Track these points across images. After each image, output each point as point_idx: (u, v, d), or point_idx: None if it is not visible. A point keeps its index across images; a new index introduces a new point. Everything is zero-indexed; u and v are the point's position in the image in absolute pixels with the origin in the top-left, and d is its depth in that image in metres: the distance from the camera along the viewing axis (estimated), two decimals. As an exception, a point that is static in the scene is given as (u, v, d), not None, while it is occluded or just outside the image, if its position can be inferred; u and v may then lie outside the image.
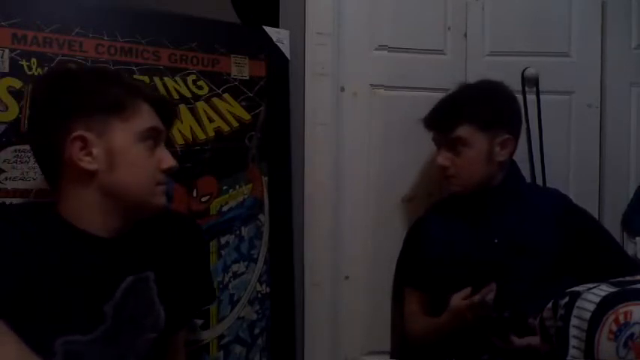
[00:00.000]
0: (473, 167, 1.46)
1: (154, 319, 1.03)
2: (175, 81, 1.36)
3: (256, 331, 1.53)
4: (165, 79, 1.35)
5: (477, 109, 1.46)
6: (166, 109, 1.06)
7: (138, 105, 0.99)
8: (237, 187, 1.48)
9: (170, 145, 1.33)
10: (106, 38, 1.26)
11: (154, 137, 1.00)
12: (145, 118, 0.99)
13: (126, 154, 0.96)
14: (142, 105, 0.99)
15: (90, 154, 0.94)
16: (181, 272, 1.10)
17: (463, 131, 1.44)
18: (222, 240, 1.44)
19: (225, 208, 1.45)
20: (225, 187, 1.45)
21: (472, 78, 1.62)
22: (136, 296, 1.00)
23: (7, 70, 1.13)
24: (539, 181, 1.74)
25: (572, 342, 0.77)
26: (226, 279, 1.45)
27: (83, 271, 0.94)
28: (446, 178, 1.50)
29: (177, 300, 1.08)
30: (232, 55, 1.47)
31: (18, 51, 1.15)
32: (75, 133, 0.94)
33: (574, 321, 0.78)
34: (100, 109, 0.96)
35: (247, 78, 1.50)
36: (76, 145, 0.94)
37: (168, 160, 1.01)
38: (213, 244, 1.42)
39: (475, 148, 1.45)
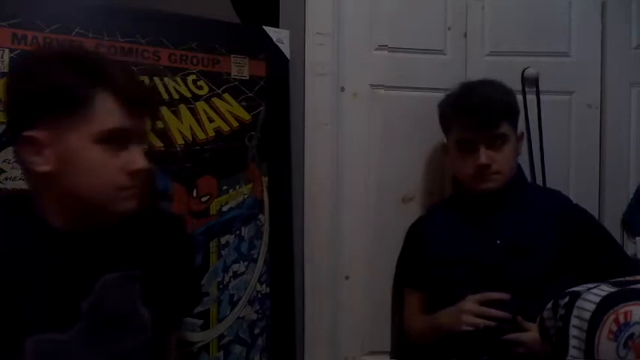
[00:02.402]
0: (511, 162, 1.49)
1: (138, 321, 0.97)
2: (175, 81, 1.36)
3: (256, 331, 1.53)
4: (166, 79, 1.35)
5: (511, 105, 1.50)
6: (143, 103, 0.94)
7: (99, 101, 0.87)
8: (237, 187, 1.48)
9: (170, 145, 1.34)
10: (106, 38, 1.26)
11: (118, 138, 0.90)
12: (106, 117, 0.88)
13: (80, 157, 0.88)
14: (106, 101, 0.88)
15: (40, 154, 0.87)
16: (166, 274, 1.04)
17: (505, 128, 1.46)
18: (222, 240, 1.44)
19: (225, 208, 1.45)
20: (225, 187, 1.45)
21: (472, 78, 1.61)
22: (117, 295, 0.95)
23: (7, 70, 1.13)
24: (539, 181, 1.75)
25: (572, 342, 0.77)
26: (226, 279, 1.45)
27: (53, 266, 0.90)
28: (484, 177, 1.46)
29: (163, 302, 1.02)
30: (232, 55, 1.47)
31: (18, 51, 1.15)
32: (24, 133, 0.87)
33: (574, 321, 0.78)
34: (52, 108, 0.87)
35: (247, 78, 1.50)
36: (25, 146, 0.88)
37: (137, 162, 0.91)
38: (213, 244, 1.42)
39: (510, 143, 1.48)
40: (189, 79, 1.39)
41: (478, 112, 1.44)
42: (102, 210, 0.92)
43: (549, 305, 0.85)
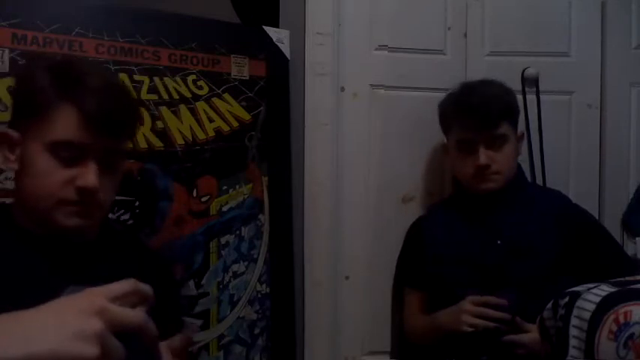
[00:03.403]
0: (511, 162, 1.50)
1: None
2: (175, 81, 1.36)
3: (256, 331, 1.53)
4: (165, 79, 1.35)
5: (511, 105, 1.50)
6: (112, 123, 0.90)
7: (61, 112, 0.88)
8: (237, 187, 1.48)
9: (170, 145, 1.34)
10: (106, 38, 1.26)
11: (70, 151, 0.88)
12: (62, 129, 0.88)
13: (31, 163, 0.89)
14: (67, 114, 0.88)
15: (12, 152, 0.91)
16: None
17: (505, 128, 1.46)
18: (222, 240, 1.44)
19: (225, 208, 1.45)
20: (225, 187, 1.45)
21: (472, 78, 1.61)
22: None
23: (7, 70, 1.13)
24: (539, 181, 1.74)
25: (572, 342, 0.77)
26: (226, 279, 1.45)
27: (19, 265, 0.91)
28: (484, 177, 1.47)
29: None
30: (232, 55, 1.47)
31: (18, 51, 1.15)
32: (1, 130, 0.91)
33: (574, 321, 0.78)
34: (21, 111, 0.91)
35: (247, 78, 1.50)
36: (1, 142, 0.92)
37: (84, 179, 0.88)
38: (213, 244, 1.42)
39: (511, 143, 1.48)
40: (189, 79, 1.39)
41: (478, 112, 1.44)
42: (45, 219, 0.90)
43: (549, 305, 0.85)
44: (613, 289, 0.77)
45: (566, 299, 0.81)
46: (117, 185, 0.97)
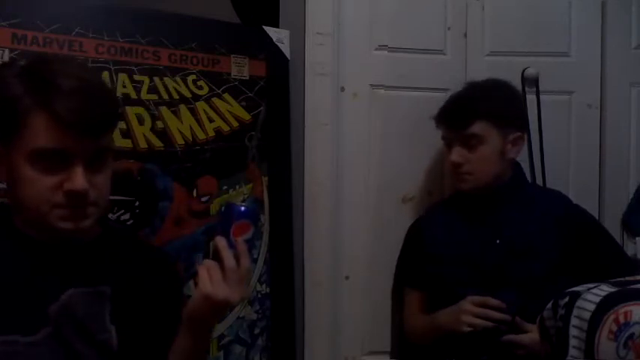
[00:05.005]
0: (487, 164, 1.47)
1: (106, 338, 0.94)
2: (175, 81, 1.36)
3: (256, 331, 1.53)
4: (165, 79, 1.35)
5: (492, 106, 1.47)
6: (88, 124, 0.87)
7: (34, 119, 0.86)
8: (237, 187, 1.48)
9: (170, 145, 1.34)
10: (106, 38, 1.26)
11: (51, 158, 0.87)
12: (38, 136, 0.86)
13: (18, 174, 0.88)
14: (40, 120, 0.85)
15: (1, 166, 0.91)
16: (144, 304, 0.99)
17: (478, 128, 1.45)
18: (222, 240, 1.44)
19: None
20: (225, 187, 1.45)
21: (472, 78, 1.61)
22: (87, 306, 0.93)
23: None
24: (539, 181, 1.74)
25: (572, 342, 0.77)
26: (226, 279, 1.45)
27: (22, 270, 0.91)
28: (458, 176, 1.49)
29: (132, 330, 0.96)
30: (232, 55, 1.47)
31: (18, 51, 1.15)
32: None
33: (574, 321, 0.78)
34: (1, 121, 0.89)
35: (247, 78, 1.50)
36: None
37: (71, 182, 0.87)
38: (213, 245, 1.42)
39: (490, 144, 1.46)
40: (189, 79, 1.39)
41: (449, 110, 1.50)
42: (44, 224, 0.90)
43: (549, 305, 0.85)
44: (613, 289, 0.77)
45: (566, 299, 0.81)
46: (109, 181, 0.95)
